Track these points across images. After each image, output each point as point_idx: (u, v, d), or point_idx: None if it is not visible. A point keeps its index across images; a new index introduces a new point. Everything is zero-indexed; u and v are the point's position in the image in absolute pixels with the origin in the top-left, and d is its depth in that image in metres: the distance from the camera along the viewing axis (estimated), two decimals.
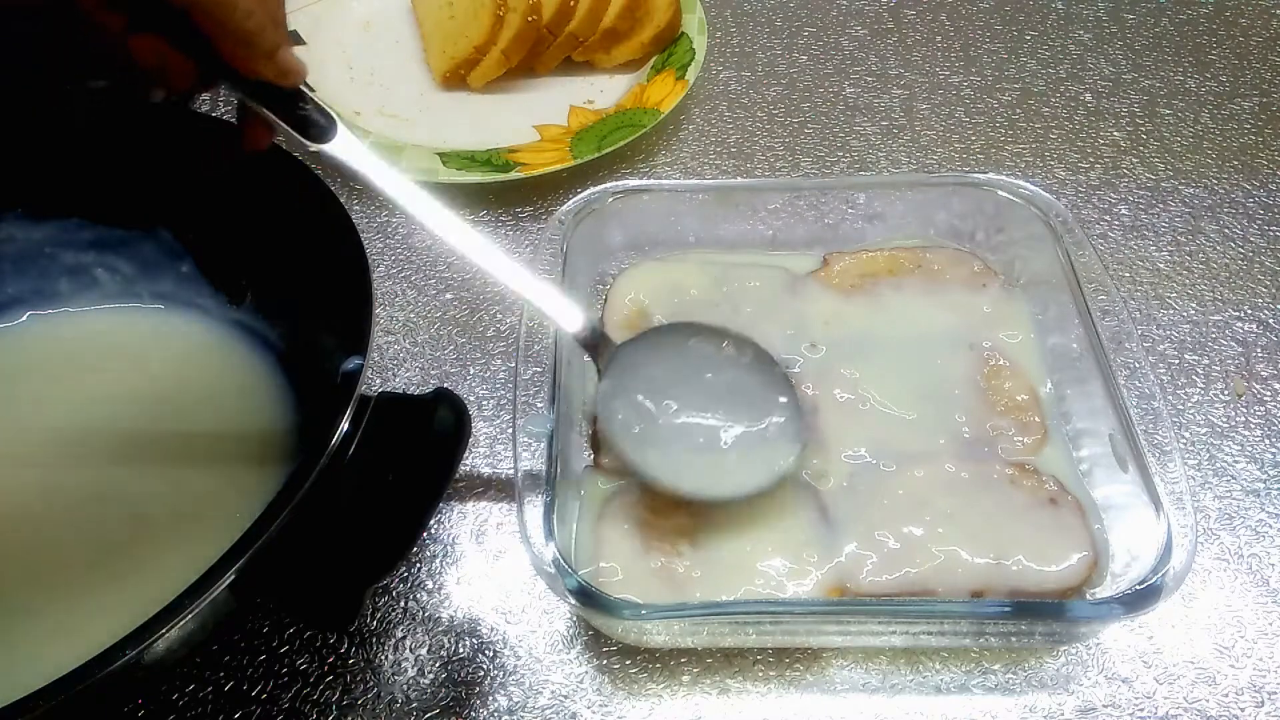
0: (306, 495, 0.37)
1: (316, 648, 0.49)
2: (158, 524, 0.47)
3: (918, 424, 0.52)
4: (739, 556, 0.47)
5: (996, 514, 0.48)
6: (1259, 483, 0.55)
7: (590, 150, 0.70)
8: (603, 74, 0.79)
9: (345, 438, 0.40)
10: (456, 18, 0.78)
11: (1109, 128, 0.76)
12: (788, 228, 0.62)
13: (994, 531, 0.47)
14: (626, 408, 0.49)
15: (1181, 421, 0.58)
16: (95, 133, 0.53)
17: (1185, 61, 0.81)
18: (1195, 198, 0.70)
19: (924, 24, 0.85)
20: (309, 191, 0.48)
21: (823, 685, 0.48)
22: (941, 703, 0.47)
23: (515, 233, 0.69)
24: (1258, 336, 0.62)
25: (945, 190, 0.61)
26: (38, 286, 0.55)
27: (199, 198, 0.53)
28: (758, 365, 0.51)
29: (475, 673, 0.49)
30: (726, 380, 0.51)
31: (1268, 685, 0.48)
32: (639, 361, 0.50)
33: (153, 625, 0.34)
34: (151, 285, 0.56)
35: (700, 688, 0.48)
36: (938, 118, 0.77)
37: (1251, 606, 0.51)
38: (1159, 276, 0.66)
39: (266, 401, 0.51)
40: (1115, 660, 0.49)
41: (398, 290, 0.65)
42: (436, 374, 0.61)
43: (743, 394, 0.50)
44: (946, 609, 0.45)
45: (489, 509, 0.55)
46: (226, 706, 0.47)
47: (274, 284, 0.53)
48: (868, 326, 0.57)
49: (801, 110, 0.78)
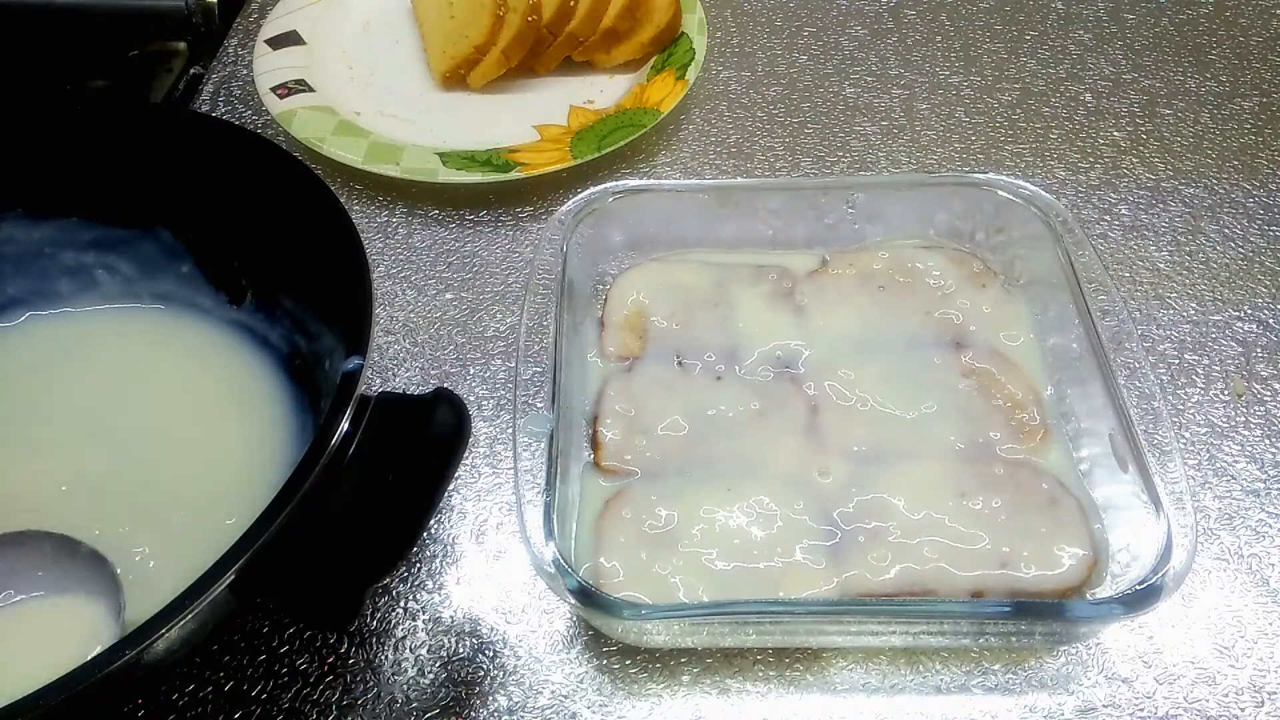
0: (306, 495, 0.37)
1: (316, 648, 0.49)
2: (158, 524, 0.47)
3: (917, 424, 0.52)
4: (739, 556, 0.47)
5: (996, 514, 0.48)
6: (1259, 483, 0.55)
7: (590, 150, 0.70)
8: (603, 74, 0.79)
9: (345, 438, 0.40)
10: (456, 18, 0.78)
11: (1109, 128, 0.76)
12: (788, 228, 0.61)
13: (994, 531, 0.47)
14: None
15: (1181, 421, 0.58)
16: (95, 133, 0.53)
17: (1185, 61, 0.81)
18: (1195, 198, 0.70)
19: (924, 24, 0.85)
20: (309, 191, 0.48)
21: (823, 685, 0.48)
22: (941, 703, 0.47)
23: (515, 233, 0.69)
24: (1258, 336, 0.62)
25: (945, 190, 0.61)
26: (38, 286, 0.55)
27: (199, 198, 0.53)
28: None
29: (475, 673, 0.49)
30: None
31: (1268, 685, 0.48)
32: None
33: (153, 625, 0.34)
34: (151, 285, 0.56)
35: (700, 688, 0.48)
36: (938, 118, 0.77)
37: (1251, 606, 0.51)
38: (1159, 276, 0.66)
39: (266, 401, 0.51)
40: (1115, 660, 0.49)
41: (398, 290, 0.65)
42: (436, 374, 0.61)
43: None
44: (946, 609, 0.45)
45: (489, 509, 0.55)
46: (226, 706, 0.47)
47: (274, 284, 0.53)
48: (867, 326, 0.57)
49: (801, 110, 0.78)
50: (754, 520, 0.48)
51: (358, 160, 0.69)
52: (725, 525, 0.48)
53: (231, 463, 0.49)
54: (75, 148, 0.53)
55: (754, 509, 0.49)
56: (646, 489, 0.50)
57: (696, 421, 0.53)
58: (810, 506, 0.49)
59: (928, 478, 0.50)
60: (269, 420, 0.51)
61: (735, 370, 0.55)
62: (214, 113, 0.78)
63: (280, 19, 0.80)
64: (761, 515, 0.48)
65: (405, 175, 0.69)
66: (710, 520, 0.48)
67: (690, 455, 0.52)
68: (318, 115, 0.73)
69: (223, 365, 0.53)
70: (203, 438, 0.50)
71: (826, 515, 0.49)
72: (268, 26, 0.79)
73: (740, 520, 0.48)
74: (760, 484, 0.50)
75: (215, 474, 0.49)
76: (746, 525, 0.48)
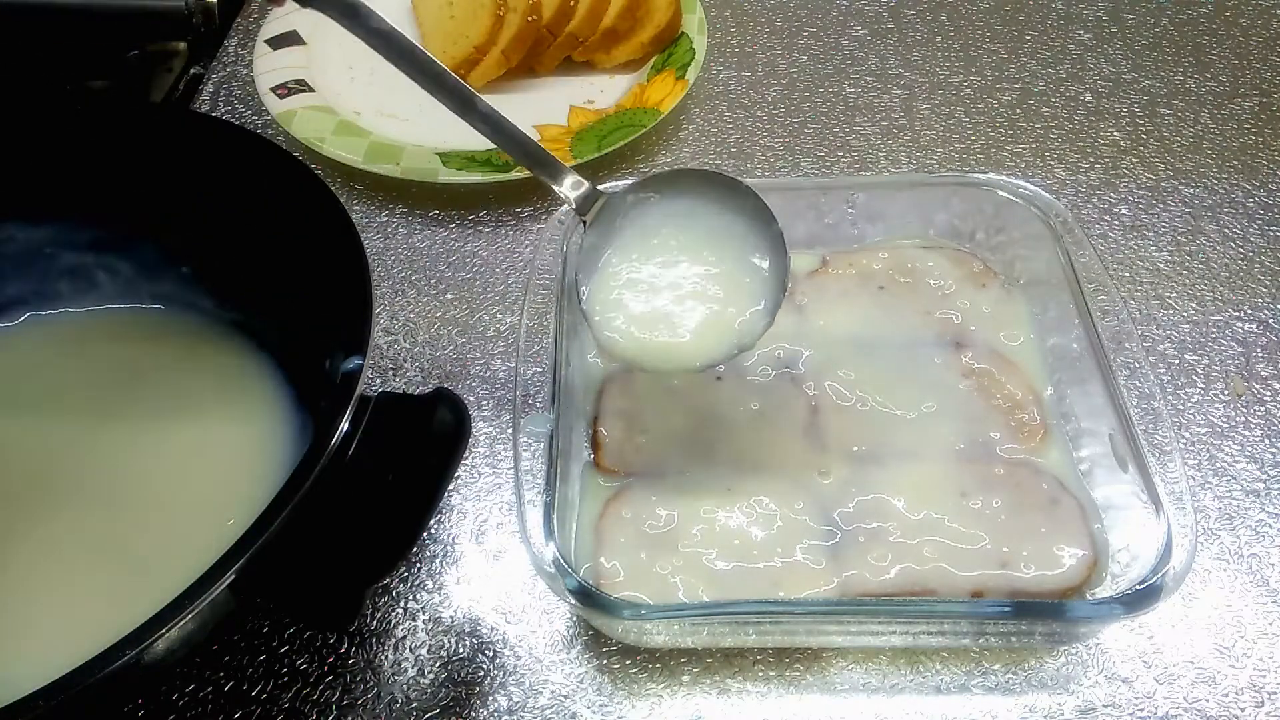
0: (306, 495, 0.37)
1: (316, 648, 0.49)
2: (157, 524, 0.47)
3: (917, 424, 0.52)
4: (739, 556, 0.47)
5: (996, 514, 0.48)
6: (1259, 483, 0.55)
7: (590, 150, 0.70)
8: (603, 74, 0.79)
9: (345, 438, 0.40)
10: (456, 18, 0.78)
11: (1109, 128, 0.76)
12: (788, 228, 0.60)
13: (994, 531, 0.47)
14: (599, 265, 0.49)
15: (1181, 421, 0.58)
16: (95, 133, 0.53)
17: (1185, 61, 0.81)
18: (1195, 198, 0.70)
19: (924, 24, 0.85)
20: (309, 191, 0.48)
21: (823, 685, 0.48)
22: (941, 703, 0.47)
23: (515, 233, 0.69)
24: (1258, 336, 0.62)
25: (945, 190, 0.61)
26: (38, 287, 0.55)
27: (199, 198, 0.53)
28: (753, 224, 0.48)
29: (475, 673, 0.49)
30: (713, 239, 0.48)
31: (1268, 685, 0.48)
32: (624, 215, 0.49)
33: (153, 625, 0.34)
34: (151, 286, 0.56)
35: (700, 688, 0.48)
36: (938, 118, 0.77)
37: (1251, 606, 0.51)
38: (1159, 276, 0.66)
39: (266, 401, 0.51)
40: (1115, 660, 0.49)
41: (398, 290, 0.65)
42: (436, 374, 0.61)
43: (726, 256, 0.48)
44: (946, 609, 0.45)
45: (489, 509, 0.55)
46: (226, 706, 0.47)
47: (274, 284, 0.53)
48: (867, 327, 0.57)
49: (801, 110, 0.78)
50: (754, 520, 0.48)
51: (358, 160, 0.69)
52: (725, 525, 0.48)
53: (231, 463, 0.49)
54: (75, 148, 0.53)
55: (754, 509, 0.49)
56: (646, 489, 0.50)
57: (696, 421, 0.53)
58: (810, 506, 0.49)
59: (928, 478, 0.50)
60: (269, 420, 0.51)
61: (735, 370, 0.55)
62: (214, 113, 0.78)
63: (280, 19, 0.80)
64: (761, 515, 0.48)
65: (405, 175, 0.69)
66: (710, 520, 0.48)
67: (690, 455, 0.52)
68: (318, 115, 0.73)
69: (223, 365, 0.53)
70: (203, 438, 0.50)
71: (826, 515, 0.49)
72: (268, 26, 0.79)
73: (740, 520, 0.48)
74: (760, 484, 0.50)
75: (215, 474, 0.49)
76: (746, 525, 0.48)
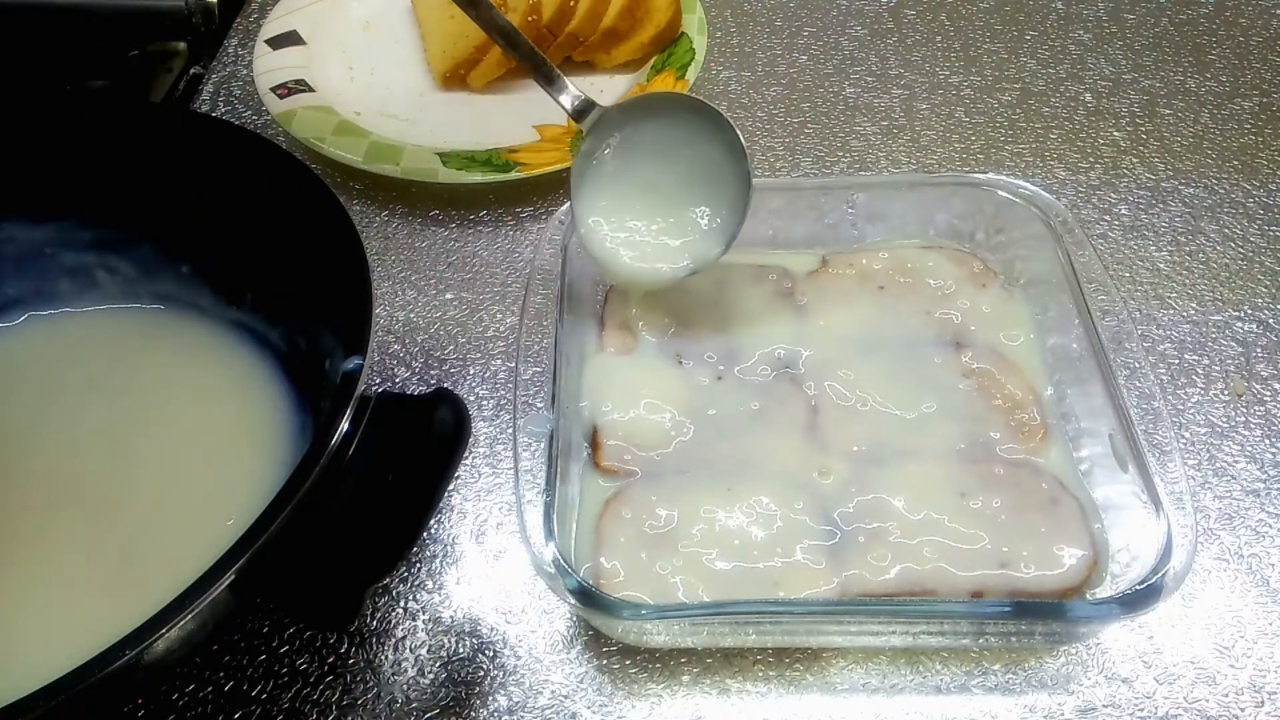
0: (306, 495, 0.37)
1: (316, 648, 0.49)
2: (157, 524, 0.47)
3: (917, 424, 0.52)
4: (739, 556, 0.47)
5: (996, 514, 0.48)
6: (1259, 483, 0.55)
7: None
8: (603, 74, 0.79)
9: (345, 438, 0.40)
10: (456, 18, 0.78)
11: (1109, 128, 0.76)
12: (788, 228, 0.61)
13: (994, 531, 0.47)
14: (593, 168, 0.56)
15: (1181, 421, 0.58)
16: (95, 133, 0.53)
17: (1185, 61, 0.81)
18: (1195, 198, 0.70)
19: (924, 24, 0.85)
20: (309, 191, 0.48)
21: (823, 685, 0.48)
22: (941, 703, 0.47)
23: (515, 233, 0.69)
24: (1258, 336, 0.62)
25: (945, 190, 0.61)
26: (38, 286, 0.55)
27: (199, 198, 0.53)
28: (726, 157, 0.55)
29: (475, 673, 0.49)
30: (691, 165, 0.55)
31: (1268, 685, 0.48)
32: (619, 126, 0.56)
33: (153, 625, 0.34)
34: (151, 286, 0.56)
35: (700, 688, 0.48)
36: (938, 118, 0.77)
37: (1251, 606, 0.51)
38: (1159, 276, 0.66)
39: (266, 402, 0.51)
40: (1115, 660, 0.49)
41: (398, 290, 0.65)
42: (436, 374, 0.61)
43: (699, 184, 0.55)
44: (946, 609, 0.45)
45: (489, 509, 0.55)
46: (226, 706, 0.47)
47: (274, 284, 0.53)
48: (867, 327, 0.57)
49: (801, 110, 0.78)
50: (754, 520, 0.48)
51: (358, 160, 0.69)
52: (725, 525, 0.48)
53: (231, 463, 0.49)
54: (75, 148, 0.53)
55: (754, 509, 0.49)
56: (646, 489, 0.50)
57: (696, 421, 0.53)
58: (810, 506, 0.49)
59: (928, 478, 0.50)
60: (269, 420, 0.51)
61: (735, 370, 0.55)
62: (214, 113, 0.78)
63: (280, 19, 0.80)
64: (761, 515, 0.48)
65: (405, 175, 0.69)
66: (710, 520, 0.48)
67: (690, 455, 0.52)
68: (318, 115, 0.73)
69: (223, 365, 0.53)
70: (202, 438, 0.50)
71: (826, 515, 0.49)
72: (268, 26, 0.79)
73: (740, 520, 0.48)
74: (760, 484, 0.50)
75: (215, 474, 0.49)
76: (746, 525, 0.48)
